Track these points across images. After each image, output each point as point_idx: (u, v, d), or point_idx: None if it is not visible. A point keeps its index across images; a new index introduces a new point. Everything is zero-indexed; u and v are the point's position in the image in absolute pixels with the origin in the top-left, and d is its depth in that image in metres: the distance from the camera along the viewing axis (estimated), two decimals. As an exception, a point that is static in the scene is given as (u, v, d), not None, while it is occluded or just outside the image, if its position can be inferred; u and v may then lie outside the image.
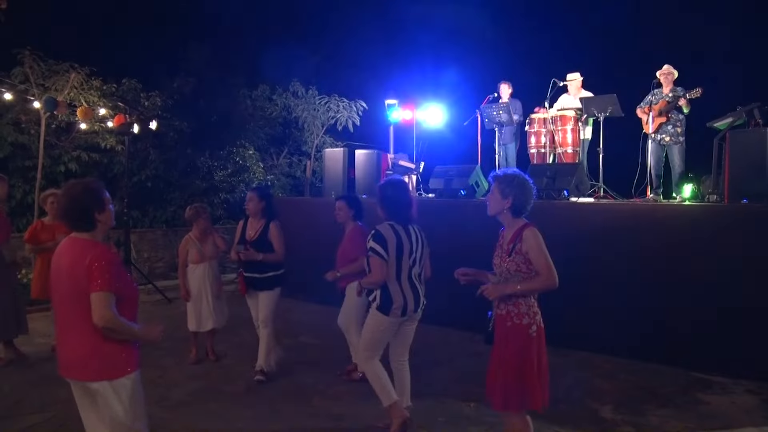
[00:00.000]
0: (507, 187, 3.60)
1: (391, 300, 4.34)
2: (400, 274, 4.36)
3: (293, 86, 15.06)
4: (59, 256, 3.11)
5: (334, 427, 4.79)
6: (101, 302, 2.93)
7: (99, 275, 2.94)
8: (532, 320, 3.52)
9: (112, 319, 2.95)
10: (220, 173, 13.83)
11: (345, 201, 5.80)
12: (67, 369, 3.09)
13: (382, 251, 4.27)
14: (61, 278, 3.05)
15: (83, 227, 3.11)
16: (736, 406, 5.14)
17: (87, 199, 3.09)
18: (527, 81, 10.57)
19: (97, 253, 3.00)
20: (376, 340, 4.49)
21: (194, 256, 6.32)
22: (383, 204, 4.48)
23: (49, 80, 10.74)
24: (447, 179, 8.89)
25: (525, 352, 3.50)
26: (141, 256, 11.62)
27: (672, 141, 8.27)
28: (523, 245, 3.51)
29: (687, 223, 6.26)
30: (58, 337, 3.16)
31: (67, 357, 3.08)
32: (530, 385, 3.48)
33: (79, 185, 3.15)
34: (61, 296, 3.06)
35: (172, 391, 5.54)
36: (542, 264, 3.46)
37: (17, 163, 10.98)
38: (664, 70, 8.34)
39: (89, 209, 3.09)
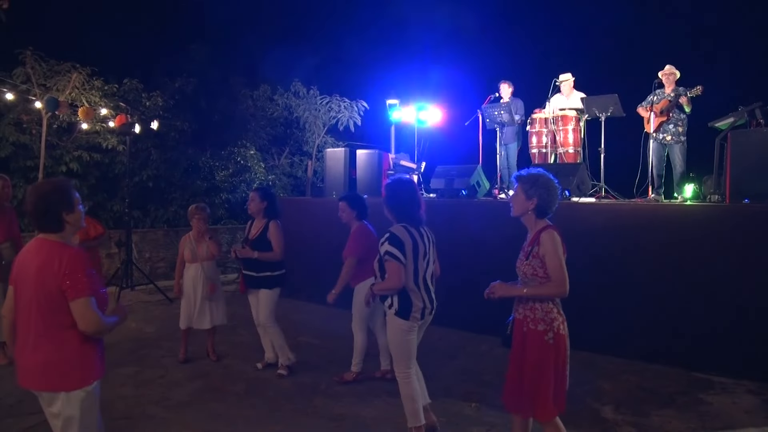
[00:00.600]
0: (532, 188, 3.50)
1: (411, 303, 4.18)
2: (417, 276, 4.21)
3: (294, 86, 15.05)
4: (24, 257, 2.97)
5: (335, 428, 4.78)
6: (87, 308, 2.85)
7: (77, 281, 2.84)
8: (549, 327, 3.41)
9: (99, 322, 2.89)
10: (221, 173, 13.83)
11: (347, 201, 5.77)
12: (26, 378, 2.97)
13: (400, 255, 4.08)
14: (27, 282, 2.91)
15: (51, 228, 2.97)
16: (738, 407, 5.13)
17: (55, 199, 2.96)
18: (528, 81, 10.57)
19: (69, 257, 2.88)
20: (408, 349, 4.28)
21: (187, 255, 6.37)
22: (392, 205, 4.33)
23: (50, 80, 10.76)
24: (448, 179, 8.88)
25: (540, 359, 3.40)
26: (142, 256, 11.63)
27: (673, 140, 8.26)
28: (540, 249, 3.42)
29: (688, 224, 6.25)
30: (18, 343, 3.01)
31: (23, 365, 2.96)
32: (544, 394, 3.39)
33: (48, 184, 3.05)
34: (25, 300, 2.92)
35: (173, 391, 5.54)
36: (554, 269, 3.37)
37: (19, 163, 10.99)
38: (666, 70, 8.34)
39: (57, 209, 2.95)
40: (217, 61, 15.12)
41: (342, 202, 5.77)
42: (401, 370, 4.31)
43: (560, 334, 3.44)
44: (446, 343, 6.98)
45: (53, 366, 2.90)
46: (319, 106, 14.99)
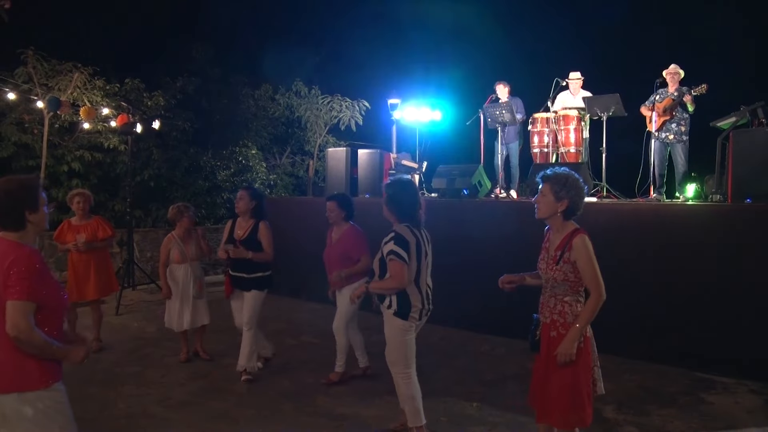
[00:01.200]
0: (562, 189, 3.33)
1: (410, 304, 4.19)
2: (419, 277, 4.22)
3: (296, 86, 15.05)
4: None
5: (337, 427, 4.78)
6: (15, 311, 2.64)
7: (17, 282, 2.65)
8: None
9: (26, 330, 2.65)
10: (222, 173, 13.84)
11: (335, 201, 5.74)
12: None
13: (405, 255, 4.08)
14: None
15: (12, 226, 2.80)
16: (740, 407, 5.13)
17: (21, 196, 2.81)
18: (530, 80, 10.57)
19: (19, 256, 2.71)
20: (408, 350, 4.29)
21: (176, 255, 6.35)
22: (394, 205, 4.30)
23: (52, 80, 10.77)
24: (450, 179, 8.88)
25: (580, 363, 3.35)
26: (144, 255, 11.63)
27: (676, 139, 8.25)
28: (572, 254, 3.33)
29: (690, 223, 6.25)
30: None
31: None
32: (579, 401, 3.34)
33: (15, 181, 2.87)
34: None
35: (174, 391, 5.54)
36: (591, 278, 3.31)
37: (21, 163, 11.01)
38: (670, 69, 8.32)
39: (21, 207, 2.80)
40: (218, 61, 15.14)
41: (331, 202, 5.74)
42: (401, 370, 4.30)
43: (587, 337, 3.43)
44: (447, 343, 6.97)
45: (7, 366, 2.70)
46: (320, 105, 14.99)
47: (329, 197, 5.97)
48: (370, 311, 5.51)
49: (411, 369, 4.33)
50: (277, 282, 5.96)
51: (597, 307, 3.35)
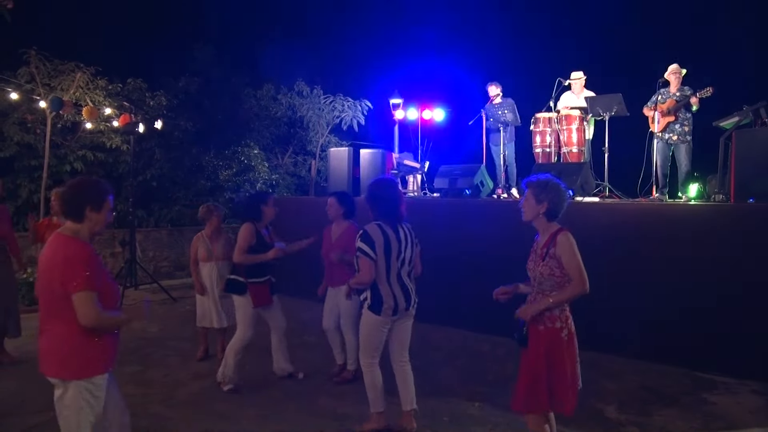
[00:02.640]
0: (542, 192, 3.63)
1: (382, 300, 4.38)
2: (389, 273, 4.39)
3: (298, 86, 15.06)
4: (44, 251, 3.12)
5: (339, 427, 4.79)
6: (83, 302, 2.91)
7: (77, 274, 2.91)
8: (565, 324, 3.57)
9: (97, 316, 2.96)
10: (225, 173, 13.85)
11: (336, 198, 5.81)
12: (40, 362, 3.10)
13: (370, 251, 4.30)
14: (41, 274, 3.07)
15: (72, 216, 3.09)
16: (742, 407, 5.12)
17: (88, 192, 3.10)
18: (532, 80, 10.56)
19: (74, 250, 2.97)
20: (373, 342, 4.50)
21: (202, 254, 6.43)
22: (371, 203, 4.50)
23: (54, 80, 10.78)
24: (452, 179, 8.88)
25: (559, 356, 3.53)
26: (146, 255, 11.65)
27: (679, 140, 8.23)
28: (557, 249, 3.54)
29: (693, 223, 6.24)
30: (39, 331, 3.16)
31: (40, 351, 3.10)
32: (561, 389, 3.51)
33: (89, 179, 3.21)
34: (40, 291, 3.07)
35: (177, 391, 5.55)
36: (574, 269, 3.50)
37: (23, 163, 11.03)
38: (672, 69, 8.30)
39: (84, 202, 3.07)
40: (220, 61, 15.16)
41: (331, 198, 5.82)
42: (365, 359, 4.55)
43: (572, 332, 3.62)
44: (449, 343, 6.97)
45: (54, 353, 3.01)
46: (322, 105, 15.00)
47: (330, 193, 6.05)
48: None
49: (374, 360, 4.54)
50: (280, 282, 5.95)
51: (575, 294, 3.52)
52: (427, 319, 7.53)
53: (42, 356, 3.07)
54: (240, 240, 5.45)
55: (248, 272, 5.51)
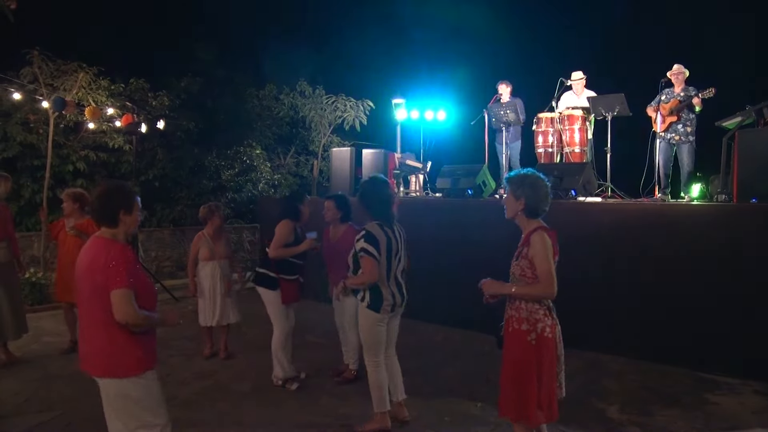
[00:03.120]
0: (519, 188, 3.51)
1: (382, 298, 4.43)
2: (389, 272, 4.45)
3: (300, 86, 15.05)
4: (82, 255, 3.21)
5: (341, 427, 4.79)
6: (121, 299, 3.01)
7: (116, 273, 3.02)
8: (532, 327, 3.41)
9: (133, 314, 3.03)
10: (227, 172, 13.86)
11: (334, 201, 5.79)
12: (83, 362, 3.20)
13: (375, 252, 4.33)
14: (82, 277, 3.14)
15: (107, 223, 3.20)
16: (744, 407, 5.12)
17: (118, 197, 3.23)
18: (534, 80, 10.55)
19: (115, 251, 3.09)
20: (376, 340, 4.53)
21: (204, 253, 6.44)
22: (367, 203, 4.52)
23: (57, 80, 10.79)
24: (454, 179, 8.88)
25: (521, 360, 3.41)
26: (149, 255, 11.66)
27: (682, 140, 8.23)
28: (530, 250, 3.43)
29: (695, 223, 6.23)
30: (80, 333, 3.27)
31: (83, 351, 3.20)
32: (526, 397, 3.38)
33: (114, 184, 3.37)
34: (82, 294, 3.15)
35: (180, 390, 5.56)
36: (543, 271, 3.37)
37: (26, 163, 11.04)
38: (675, 69, 8.29)
39: (117, 207, 3.19)
40: (223, 61, 15.16)
41: (329, 201, 5.81)
42: (370, 358, 4.57)
43: (545, 337, 3.42)
44: (450, 343, 6.97)
45: (103, 355, 3.11)
46: (324, 105, 14.98)
47: (328, 196, 6.03)
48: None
49: (379, 358, 4.57)
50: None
51: (539, 295, 3.42)
52: (428, 319, 7.56)
53: (89, 358, 3.16)
54: (278, 236, 5.47)
55: (280, 268, 5.52)
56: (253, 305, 6.14)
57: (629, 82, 9.70)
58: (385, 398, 4.59)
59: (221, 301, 6.42)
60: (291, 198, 5.87)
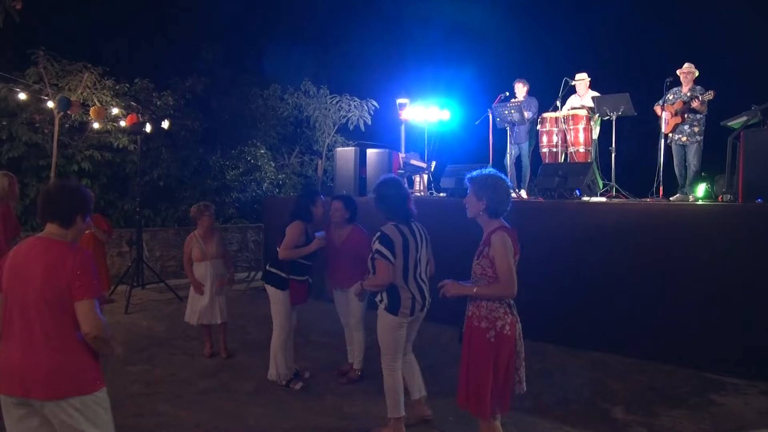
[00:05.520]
0: (480, 189, 3.57)
1: (399, 300, 4.33)
2: (407, 274, 4.34)
3: (304, 85, 15.07)
4: (28, 258, 2.82)
5: (345, 426, 4.79)
6: (91, 310, 2.76)
7: (86, 281, 2.77)
8: (491, 325, 3.45)
9: (103, 327, 2.79)
10: (231, 172, 13.87)
11: (342, 202, 5.78)
12: (28, 385, 2.74)
13: (389, 254, 4.25)
14: (31, 283, 2.77)
15: (60, 220, 2.88)
16: (750, 408, 5.09)
17: (79, 198, 2.94)
18: (539, 80, 10.52)
19: (81, 257, 2.81)
20: (395, 343, 4.45)
21: (196, 253, 6.44)
22: (382, 203, 4.47)
23: (62, 80, 10.84)
24: (458, 178, 8.86)
25: (479, 357, 3.46)
26: (153, 254, 11.68)
27: (689, 141, 8.20)
28: (491, 250, 3.46)
29: (700, 223, 6.21)
30: (17, 348, 2.78)
31: (30, 372, 2.74)
32: (481, 392, 3.44)
33: (76, 184, 3.05)
34: (31, 303, 2.76)
35: (183, 389, 5.56)
36: (503, 271, 3.41)
37: (31, 162, 11.08)
38: (684, 68, 8.24)
39: (77, 208, 2.92)
40: (227, 61, 15.18)
41: (337, 202, 5.78)
42: (387, 363, 4.48)
43: (504, 334, 3.46)
44: (454, 343, 6.94)
45: (70, 368, 2.78)
46: (329, 105, 15.00)
47: (336, 197, 6.00)
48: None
49: (396, 363, 4.49)
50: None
51: (499, 295, 3.47)
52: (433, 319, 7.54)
53: (41, 377, 2.73)
54: (288, 237, 5.42)
55: (291, 269, 5.50)
56: (257, 305, 6.15)
57: (634, 81, 9.68)
58: (400, 404, 4.48)
59: (211, 300, 6.40)
60: (303, 198, 5.78)
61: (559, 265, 6.66)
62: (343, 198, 5.90)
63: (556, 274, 6.62)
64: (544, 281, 6.46)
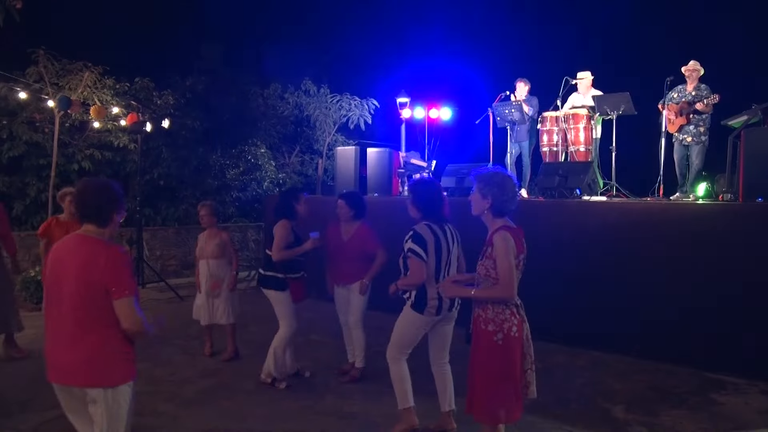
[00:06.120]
0: (486, 187, 3.51)
1: (426, 299, 4.33)
2: (439, 274, 4.34)
3: (305, 84, 15.07)
4: (66, 254, 2.97)
5: (345, 426, 4.78)
6: (131, 307, 2.91)
7: (122, 280, 2.90)
8: (499, 328, 3.39)
9: (142, 323, 2.95)
10: (232, 171, 13.87)
11: (344, 200, 5.76)
12: (65, 374, 2.95)
13: (422, 253, 4.24)
14: (68, 279, 2.91)
15: (97, 221, 3.01)
16: (750, 407, 5.09)
17: (114, 196, 3.07)
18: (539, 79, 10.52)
19: (116, 255, 2.93)
20: (408, 339, 4.47)
21: (197, 251, 6.55)
22: (417, 203, 4.48)
23: (62, 79, 10.83)
24: (459, 178, 8.87)
25: (487, 360, 3.42)
26: (153, 254, 11.68)
27: (694, 141, 8.19)
28: (493, 250, 3.40)
29: (701, 222, 6.20)
30: (54, 339, 2.98)
31: (67, 361, 2.94)
32: (489, 395, 3.40)
33: (107, 182, 3.16)
34: (67, 296, 2.91)
35: (183, 389, 5.56)
36: (503, 272, 3.34)
37: (31, 162, 11.09)
38: (689, 66, 8.21)
39: (113, 206, 3.05)
40: (227, 60, 15.19)
41: (340, 200, 5.78)
42: (394, 353, 4.51)
43: (511, 336, 3.39)
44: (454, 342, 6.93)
45: (98, 361, 2.93)
46: (329, 104, 15.00)
47: (340, 195, 6.00)
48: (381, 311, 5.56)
49: (401, 355, 4.51)
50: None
51: (497, 297, 3.40)
52: None
53: (76, 366, 2.92)
54: (277, 238, 5.38)
55: (286, 268, 5.47)
56: (258, 305, 6.13)
57: (635, 80, 9.66)
58: (407, 393, 4.50)
59: (205, 300, 6.42)
60: (286, 196, 5.75)
61: (559, 264, 6.65)
62: (345, 195, 5.89)
63: (556, 273, 6.61)
64: (544, 281, 6.44)
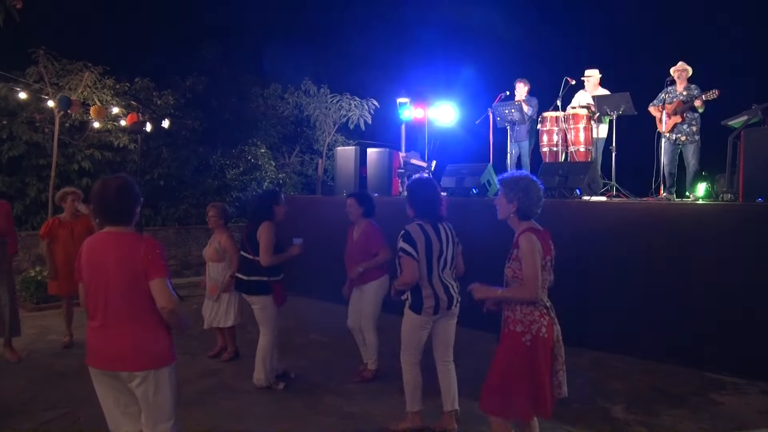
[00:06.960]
0: (511, 191, 3.56)
1: (422, 299, 4.37)
2: (431, 273, 4.37)
3: (305, 85, 15.08)
4: (102, 250, 3.17)
5: (346, 426, 4.79)
6: (164, 287, 3.12)
7: (158, 263, 3.13)
8: (527, 329, 3.41)
9: (176, 301, 3.16)
10: (232, 172, 13.87)
11: (355, 198, 5.84)
12: (115, 361, 3.14)
13: (413, 251, 4.29)
14: (109, 273, 3.12)
15: (125, 221, 3.23)
16: (750, 407, 5.09)
17: (135, 193, 3.26)
18: (540, 79, 10.53)
19: (150, 243, 3.19)
20: (413, 341, 4.51)
21: (203, 253, 6.56)
22: (413, 202, 4.52)
23: (62, 79, 10.83)
24: (459, 178, 8.87)
25: (515, 360, 3.43)
26: (153, 253, 11.67)
27: (688, 140, 8.20)
28: (520, 252, 3.45)
29: (701, 223, 6.20)
30: (100, 329, 3.16)
31: (116, 349, 3.13)
32: (516, 393, 3.40)
33: (126, 179, 3.29)
34: (112, 290, 3.12)
35: (184, 389, 5.53)
36: (527, 273, 3.39)
37: (31, 162, 11.08)
38: (678, 66, 8.26)
39: (135, 203, 3.26)
40: (227, 60, 15.17)
41: (350, 199, 5.85)
42: (406, 358, 4.56)
43: (540, 337, 3.42)
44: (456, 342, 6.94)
45: (145, 346, 3.16)
46: (329, 104, 15.00)
47: (349, 194, 6.09)
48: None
49: (414, 359, 4.55)
50: (287, 280, 5.96)
51: (521, 297, 3.44)
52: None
53: (126, 353, 3.12)
54: (266, 241, 5.33)
55: (269, 271, 5.43)
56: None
57: (635, 80, 9.66)
58: (416, 398, 4.57)
59: (206, 303, 6.46)
60: (265, 198, 5.70)
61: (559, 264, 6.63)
62: (355, 194, 5.99)
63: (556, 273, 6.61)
64: (545, 280, 6.46)
